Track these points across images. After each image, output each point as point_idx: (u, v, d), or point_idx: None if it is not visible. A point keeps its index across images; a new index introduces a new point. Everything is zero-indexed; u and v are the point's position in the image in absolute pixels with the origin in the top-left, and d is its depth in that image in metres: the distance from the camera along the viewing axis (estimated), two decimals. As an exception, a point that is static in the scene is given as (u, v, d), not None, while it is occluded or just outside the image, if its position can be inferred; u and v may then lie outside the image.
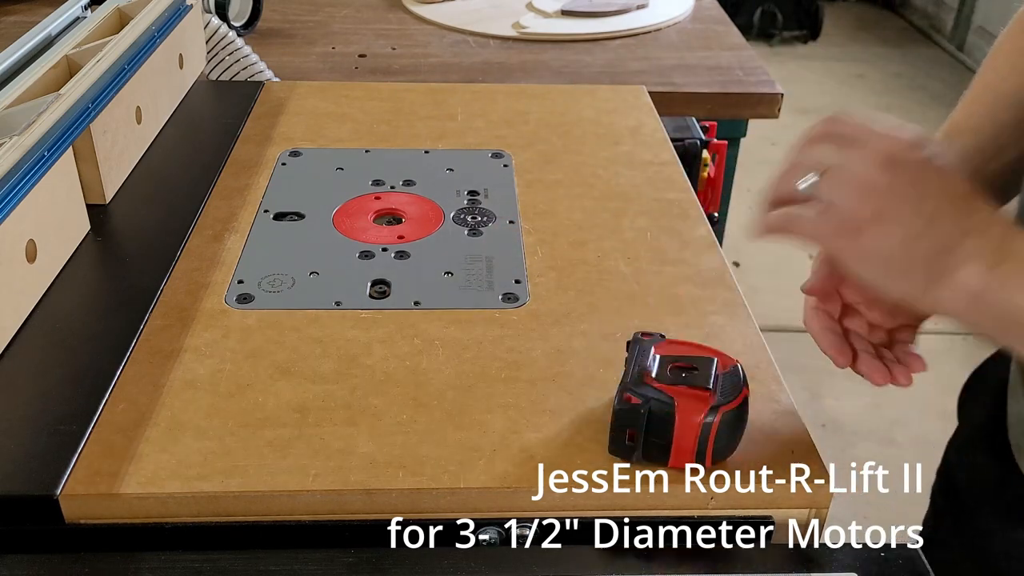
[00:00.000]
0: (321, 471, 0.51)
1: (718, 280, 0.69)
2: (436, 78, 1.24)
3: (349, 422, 0.54)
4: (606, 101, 0.99)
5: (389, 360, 0.60)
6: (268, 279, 0.68)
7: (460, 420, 0.55)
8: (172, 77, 0.93)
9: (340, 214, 0.76)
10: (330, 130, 0.91)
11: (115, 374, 0.58)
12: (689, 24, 1.46)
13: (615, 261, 0.71)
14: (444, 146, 0.89)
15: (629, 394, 0.50)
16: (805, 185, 0.48)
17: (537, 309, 0.65)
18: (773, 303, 2.24)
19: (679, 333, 0.60)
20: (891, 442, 1.77)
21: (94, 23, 0.85)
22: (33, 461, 0.51)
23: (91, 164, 0.75)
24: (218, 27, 1.07)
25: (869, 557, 0.48)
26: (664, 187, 0.82)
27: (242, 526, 0.50)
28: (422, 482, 0.51)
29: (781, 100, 1.21)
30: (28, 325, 0.62)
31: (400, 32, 1.41)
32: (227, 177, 0.82)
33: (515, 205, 0.78)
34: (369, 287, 0.68)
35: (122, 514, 0.50)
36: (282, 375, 0.58)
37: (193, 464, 0.51)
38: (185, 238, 0.72)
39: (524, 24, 1.40)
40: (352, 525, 0.50)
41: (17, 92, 0.71)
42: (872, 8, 4.28)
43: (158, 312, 0.64)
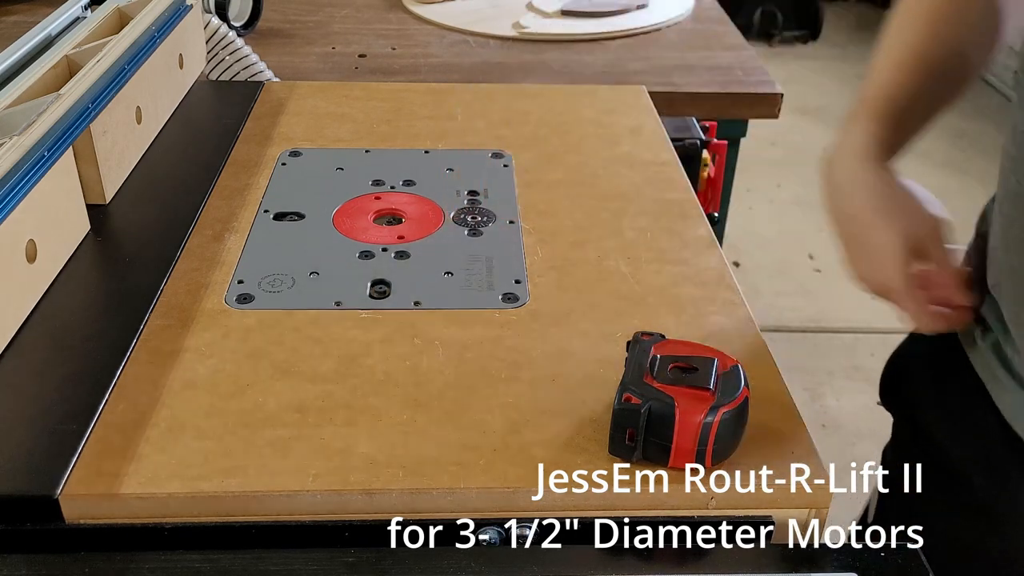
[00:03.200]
0: (321, 471, 0.51)
1: (718, 280, 0.69)
2: (436, 78, 1.24)
3: (349, 422, 0.54)
4: (606, 101, 0.99)
5: (389, 360, 0.60)
6: (268, 279, 0.68)
7: (460, 420, 0.55)
8: (172, 77, 0.93)
9: (340, 214, 0.76)
10: (330, 130, 0.91)
11: (115, 374, 0.58)
12: (689, 24, 1.46)
13: (615, 261, 0.71)
14: (444, 146, 0.89)
15: (629, 394, 0.50)
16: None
17: (537, 309, 0.65)
18: (773, 303, 2.24)
19: (679, 333, 0.60)
20: (891, 442, 1.76)
21: (94, 23, 0.85)
22: (33, 461, 0.51)
23: (91, 164, 0.75)
24: (218, 27, 1.07)
25: (869, 557, 0.48)
26: (664, 187, 0.82)
27: (242, 526, 0.50)
28: (422, 482, 0.51)
29: (781, 100, 1.21)
30: (28, 325, 0.62)
31: (400, 32, 1.41)
32: (227, 177, 0.82)
33: (515, 205, 0.78)
34: (369, 287, 0.68)
35: (122, 514, 0.50)
36: (282, 375, 0.58)
37: (193, 464, 0.51)
38: (185, 238, 0.72)
39: (524, 24, 1.40)
40: (352, 525, 0.50)
41: (17, 92, 0.71)
42: (872, 8, 4.28)
43: (158, 312, 0.64)
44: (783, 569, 0.48)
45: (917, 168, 3.04)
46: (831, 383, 1.94)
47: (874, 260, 0.62)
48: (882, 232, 0.61)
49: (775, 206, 2.65)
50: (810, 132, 3.05)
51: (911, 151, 0.65)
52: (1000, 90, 3.29)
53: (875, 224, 0.61)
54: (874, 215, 0.62)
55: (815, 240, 2.46)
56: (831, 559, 0.49)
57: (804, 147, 2.96)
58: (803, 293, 2.26)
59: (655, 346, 0.54)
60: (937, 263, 0.61)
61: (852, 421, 1.82)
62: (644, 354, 0.53)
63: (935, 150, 2.89)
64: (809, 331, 2.14)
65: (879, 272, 0.62)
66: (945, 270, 0.61)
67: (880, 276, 0.62)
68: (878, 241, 0.61)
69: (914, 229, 0.61)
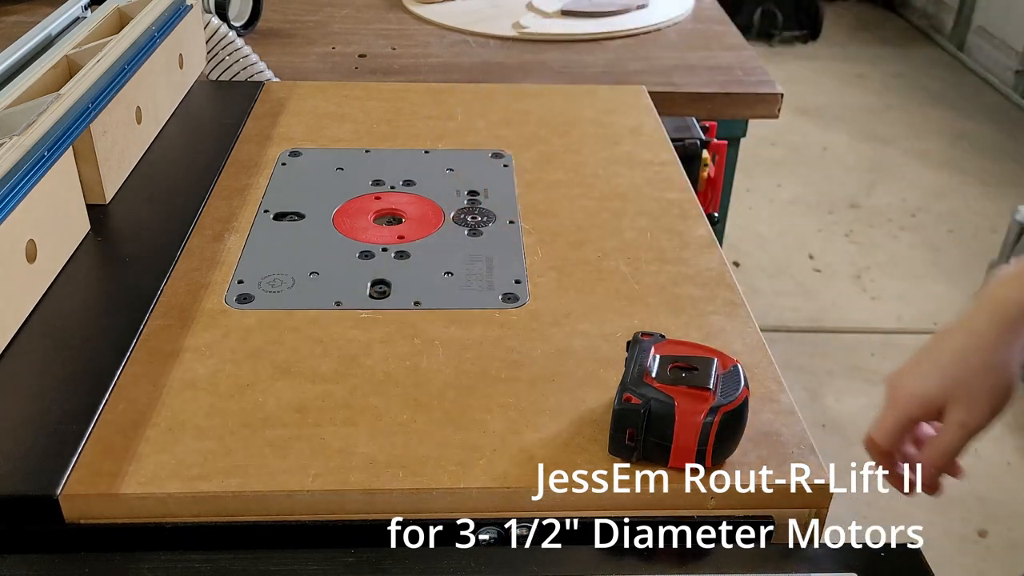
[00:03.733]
0: (321, 471, 0.51)
1: (718, 280, 0.69)
2: (436, 78, 1.24)
3: (349, 422, 0.54)
4: (606, 101, 0.99)
5: (389, 360, 0.60)
6: (268, 279, 0.68)
7: (460, 420, 0.55)
8: (172, 77, 0.93)
9: (340, 214, 0.76)
10: (330, 130, 0.91)
11: (115, 374, 0.58)
12: (689, 24, 1.46)
13: (615, 261, 0.71)
14: (444, 146, 0.89)
15: (629, 394, 0.50)
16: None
17: (537, 309, 0.65)
18: (773, 303, 2.24)
19: (679, 333, 0.60)
20: (891, 442, 1.76)
21: (94, 23, 0.85)
22: (33, 461, 0.51)
23: (91, 164, 0.75)
24: (218, 27, 1.07)
25: (869, 557, 0.48)
26: (664, 187, 0.82)
27: (242, 526, 0.50)
28: (422, 482, 0.51)
29: (781, 100, 1.20)
30: (28, 325, 0.62)
31: (400, 32, 1.41)
32: (227, 177, 0.82)
33: (515, 205, 0.78)
34: (369, 287, 0.68)
35: (122, 514, 0.50)
36: (282, 375, 0.58)
37: (193, 464, 0.51)
38: (185, 238, 0.72)
39: (524, 24, 1.40)
40: (352, 525, 0.50)
41: (17, 92, 0.71)
42: (872, 8, 4.28)
43: (158, 312, 0.64)
44: (783, 569, 0.48)
45: (917, 168, 3.02)
46: (831, 383, 1.94)
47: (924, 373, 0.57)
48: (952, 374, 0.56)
49: (775, 206, 2.65)
50: (810, 132, 3.05)
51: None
52: (1000, 90, 3.29)
53: (968, 361, 0.56)
54: (977, 354, 0.55)
55: (815, 240, 2.46)
56: (831, 559, 0.49)
57: (804, 147, 2.96)
58: (803, 293, 2.26)
59: (655, 346, 0.54)
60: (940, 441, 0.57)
61: (852, 421, 1.82)
62: (644, 354, 0.53)
63: (935, 150, 2.89)
64: (809, 331, 2.13)
65: (916, 383, 0.57)
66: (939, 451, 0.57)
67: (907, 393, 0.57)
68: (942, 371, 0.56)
69: (964, 398, 0.55)
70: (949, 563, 1.53)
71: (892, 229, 2.52)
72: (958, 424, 0.55)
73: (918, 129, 3.05)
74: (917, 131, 3.03)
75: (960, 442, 0.55)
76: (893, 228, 2.52)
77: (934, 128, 3.07)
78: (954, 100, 3.28)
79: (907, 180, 2.73)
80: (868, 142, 2.97)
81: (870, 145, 2.95)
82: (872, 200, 2.65)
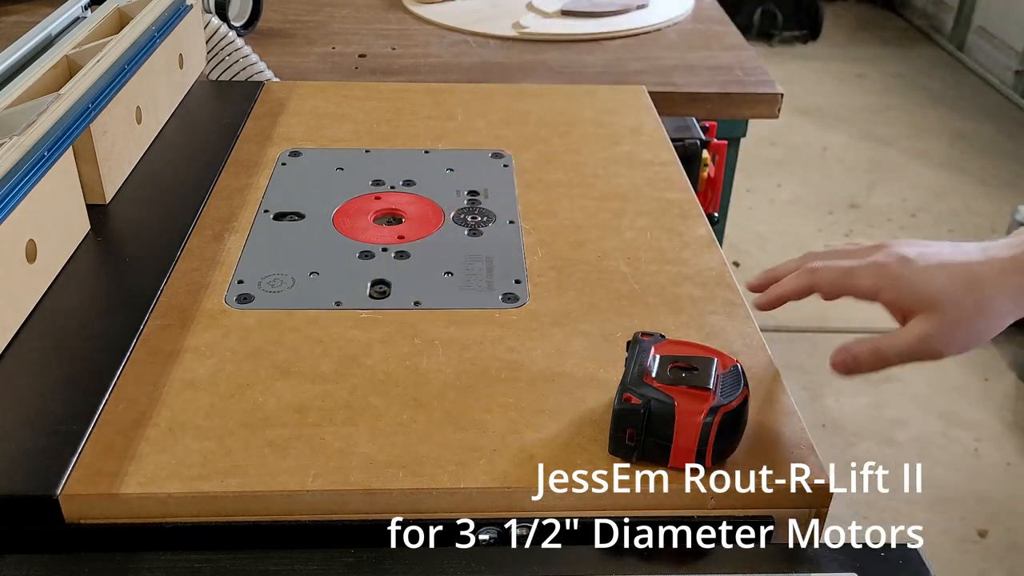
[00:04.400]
0: (321, 471, 0.51)
1: (718, 280, 0.69)
2: (436, 78, 1.24)
3: (349, 422, 0.54)
4: (606, 101, 0.99)
5: (389, 360, 0.60)
6: (268, 279, 0.68)
7: (460, 420, 0.55)
8: (172, 77, 0.93)
9: (340, 214, 0.76)
10: (330, 130, 0.91)
11: (115, 374, 0.58)
12: (689, 24, 1.46)
13: (615, 261, 0.71)
14: (444, 146, 0.89)
15: (629, 394, 0.50)
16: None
17: (537, 309, 0.65)
18: (773, 303, 2.25)
19: (679, 333, 0.60)
20: (891, 442, 1.77)
21: (94, 23, 0.85)
22: (33, 461, 0.51)
23: (91, 164, 0.75)
24: (218, 27, 1.07)
25: (869, 557, 0.48)
26: (664, 187, 0.82)
27: (242, 526, 0.50)
28: (422, 482, 0.51)
29: (781, 100, 1.20)
30: (28, 325, 0.62)
31: (400, 32, 1.41)
32: (227, 177, 0.82)
33: (515, 205, 0.78)
34: (369, 287, 0.68)
35: (122, 514, 0.50)
36: (282, 375, 0.58)
37: (193, 464, 0.51)
38: (185, 238, 0.72)
39: (524, 24, 1.40)
40: (352, 525, 0.50)
41: (17, 92, 0.71)
42: (872, 8, 4.28)
43: (158, 312, 0.64)
44: (783, 569, 0.48)
45: (917, 168, 3.03)
46: (831, 383, 1.94)
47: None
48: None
49: (775, 206, 2.65)
50: (810, 132, 3.05)
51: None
52: (1000, 90, 3.29)
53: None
54: (988, 289, 0.54)
55: (815, 240, 2.46)
56: (831, 559, 0.49)
57: (804, 147, 2.96)
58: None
59: (655, 346, 0.54)
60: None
61: (852, 421, 1.82)
62: (644, 354, 0.53)
63: (935, 150, 2.89)
64: (809, 331, 2.13)
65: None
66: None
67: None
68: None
69: (948, 317, 0.54)
70: (949, 563, 1.53)
71: (892, 229, 2.52)
72: (922, 336, 0.53)
73: (918, 129, 3.05)
74: (917, 131, 3.03)
75: (910, 353, 0.54)
76: (893, 228, 2.52)
77: (934, 128, 3.07)
78: (954, 100, 3.28)
79: (907, 180, 2.73)
80: (868, 142, 2.97)
81: (870, 145, 2.95)
82: (872, 200, 2.65)
